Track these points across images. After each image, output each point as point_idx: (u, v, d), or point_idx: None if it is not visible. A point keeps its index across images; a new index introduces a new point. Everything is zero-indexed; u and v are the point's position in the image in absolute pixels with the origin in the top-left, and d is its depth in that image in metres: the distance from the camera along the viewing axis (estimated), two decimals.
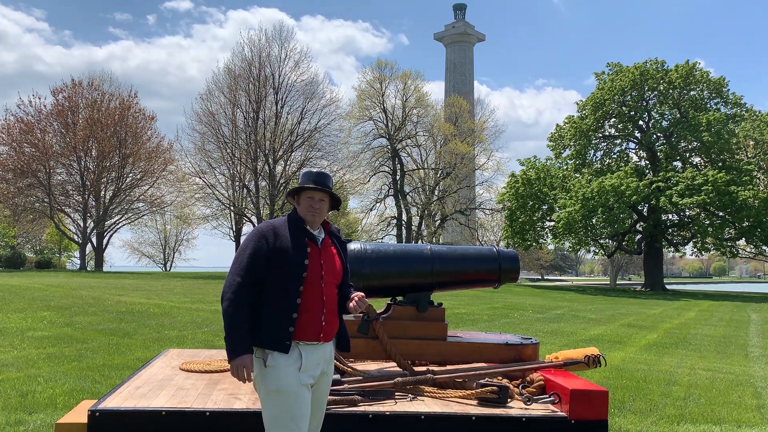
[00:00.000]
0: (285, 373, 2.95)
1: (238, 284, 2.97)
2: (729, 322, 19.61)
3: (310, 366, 3.03)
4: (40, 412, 5.71)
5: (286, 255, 3.04)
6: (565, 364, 4.61)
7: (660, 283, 43.69)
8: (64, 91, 43.01)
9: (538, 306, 22.54)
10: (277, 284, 3.02)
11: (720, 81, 42.08)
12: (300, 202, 3.20)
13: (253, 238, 3.10)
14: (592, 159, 44.94)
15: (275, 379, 2.95)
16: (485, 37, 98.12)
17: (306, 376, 3.01)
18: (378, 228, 51.51)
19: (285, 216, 3.24)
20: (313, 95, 41.50)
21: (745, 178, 37.18)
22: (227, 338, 2.93)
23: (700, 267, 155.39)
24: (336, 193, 3.26)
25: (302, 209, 3.18)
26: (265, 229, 3.13)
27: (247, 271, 3.00)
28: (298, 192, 3.21)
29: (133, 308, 15.00)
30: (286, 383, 2.94)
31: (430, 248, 4.97)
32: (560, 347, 10.39)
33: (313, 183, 3.18)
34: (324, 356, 3.14)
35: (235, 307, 2.94)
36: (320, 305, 3.08)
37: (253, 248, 3.05)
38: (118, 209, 45.31)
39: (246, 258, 3.03)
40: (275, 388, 2.94)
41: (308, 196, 3.17)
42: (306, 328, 3.03)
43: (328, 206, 3.24)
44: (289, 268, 3.02)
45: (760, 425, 6.19)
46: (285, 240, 3.07)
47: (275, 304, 3.01)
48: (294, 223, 3.16)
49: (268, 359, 2.96)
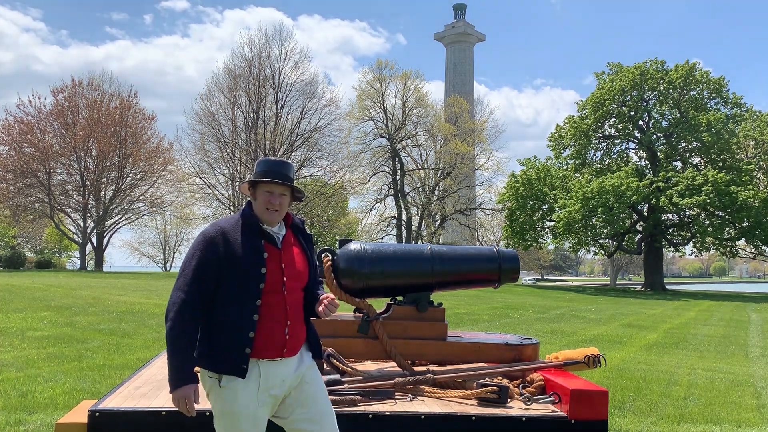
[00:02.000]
0: (241, 394, 2.61)
1: (181, 302, 2.58)
2: (729, 322, 19.61)
3: (273, 384, 2.66)
4: (40, 412, 5.71)
5: (239, 264, 2.61)
6: (565, 364, 4.60)
7: (660, 283, 43.70)
8: (64, 91, 43.02)
9: (538, 306, 22.54)
10: (230, 299, 2.62)
11: (720, 81, 42.09)
12: (257, 196, 2.73)
13: (199, 246, 2.64)
14: (592, 159, 44.96)
15: (230, 401, 2.61)
16: (485, 37, 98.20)
17: (266, 396, 2.66)
18: (378, 228, 51.55)
19: (238, 214, 2.78)
20: (313, 95, 41.58)
21: (745, 178, 37.20)
22: (168, 365, 2.59)
23: (700, 267, 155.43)
24: (297, 186, 2.81)
25: (259, 206, 2.72)
26: (212, 233, 2.66)
27: (191, 286, 2.59)
28: (255, 184, 2.74)
29: (133, 308, 14.99)
30: (241, 405, 2.61)
31: (430, 248, 4.97)
32: (560, 347, 10.38)
33: (272, 175, 2.71)
34: (289, 372, 2.72)
35: (178, 328, 2.57)
36: (283, 317, 2.67)
37: (198, 259, 2.62)
38: (118, 209, 45.31)
39: (191, 271, 2.61)
40: (229, 410, 2.62)
41: (266, 191, 2.71)
42: (266, 345, 2.64)
43: (289, 200, 2.80)
44: (242, 279, 2.61)
45: (760, 425, 6.19)
46: (237, 246, 2.63)
47: (228, 323, 2.61)
48: (249, 223, 2.71)
49: (223, 380, 2.62)
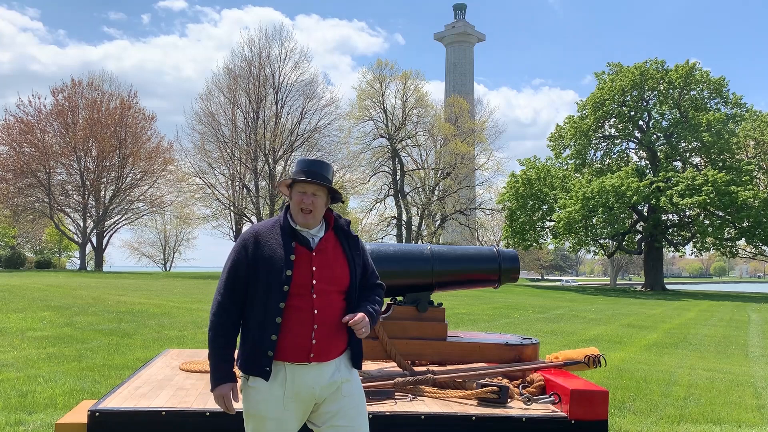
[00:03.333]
0: (266, 396, 2.63)
1: (218, 305, 2.67)
2: (729, 322, 19.61)
3: (301, 389, 2.63)
4: (40, 412, 5.71)
5: (266, 267, 2.64)
6: (565, 364, 4.60)
7: (660, 283, 43.71)
8: (63, 91, 43.06)
9: (538, 306, 22.55)
10: (257, 301, 2.65)
11: (720, 81, 42.10)
12: (292, 196, 2.73)
13: (234, 250, 2.73)
14: (592, 159, 44.98)
15: (254, 402, 2.65)
16: (485, 37, 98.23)
17: (293, 401, 2.63)
18: (378, 228, 51.53)
19: (276, 217, 2.81)
20: (313, 95, 41.56)
21: (745, 178, 37.20)
22: (210, 365, 2.68)
23: (700, 267, 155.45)
24: (334, 187, 2.78)
25: (293, 206, 2.72)
26: (247, 236, 2.73)
27: (227, 289, 2.67)
28: (291, 185, 2.74)
29: (133, 308, 14.99)
30: (266, 408, 2.62)
31: (430, 248, 4.97)
32: (560, 347, 10.38)
33: (306, 174, 2.69)
34: (320, 379, 2.65)
35: (215, 331, 2.65)
36: (309, 321, 2.63)
37: (232, 261, 2.69)
38: (118, 209, 45.33)
39: (225, 274, 2.70)
40: (254, 412, 2.66)
41: (299, 191, 2.70)
42: (291, 348, 2.62)
43: (324, 201, 2.75)
44: (267, 282, 2.62)
45: (760, 425, 6.19)
46: (267, 248, 2.66)
47: (255, 325, 2.65)
48: (283, 224, 2.73)
49: (250, 380, 2.66)
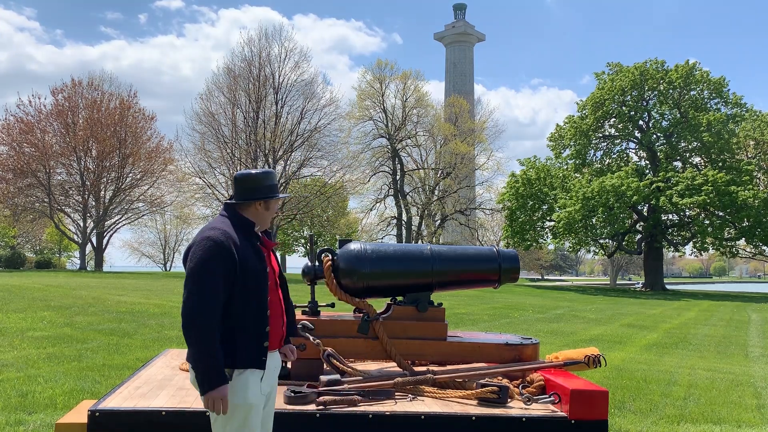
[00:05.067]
0: (252, 385, 2.85)
1: (206, 306, 2.71)
2: (729, 322, 19.61)
3: (269, 374, 2.97)
4: (40, 412, 5.71)
5: (251, 266, 2.85)
6: (565, 364, 4.60)
7: (660, 283, 43.70)
8: (63, 91, 43.00)
9: (538, 306, 22.54)
10: (248, 299, 2.84)
11: (720, 81, 42.07)
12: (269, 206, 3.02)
13: (213, 252, 2.77)
14: (592, 159, 44.96)
15: (243, 393, 2.81)
16: (485, 37, 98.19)
17: (266, 386, 2.95)
18: (378, 228, 51.52)
19: (226, 218, 2.96)
20: (313, 95, 41.52)
21: (746, 178, 37.20)
22: (200, 367, 2.71)
23: (700, 267, 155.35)
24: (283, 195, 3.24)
25: (261, 214, 2.99)
26: (223, 239, 2.81)
27: (214, 291, 2.74)
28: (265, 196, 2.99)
29: (133, 308, 14.99)
30: (252, 395, 2.84)
31: (430, 248, 4.97)
32: (560, 347, 10.38)
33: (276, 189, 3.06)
34: (277, 362, 3.09)
35: (206, 333, 2.71)
36: (281, 312, 3.02)
37: (217, 263, 2.77)
38: (118, 209, 45.30)
39: (210, 276, 2.75)
40: (243, 402, 2.81)
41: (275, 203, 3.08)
42: (273, 338, 2.96)
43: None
44: (254, 279, 2.85)
45: (760, 425, 6.19)
46: (245, 248, 2.86)
47: (249, 321, 2.84)
48: (245, 227, 2.94)
49: (234, 373, 2.81)
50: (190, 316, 2.73)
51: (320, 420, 3.77)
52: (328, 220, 48.60)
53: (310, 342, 4.46)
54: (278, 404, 3.88)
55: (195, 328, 2.72)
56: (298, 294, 19.41)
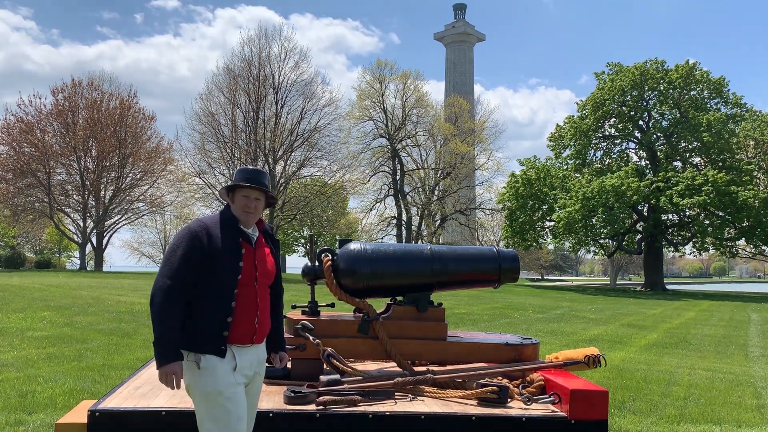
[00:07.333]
0: (221, 373, 2.92)
1: (168, 287, 2.88)
2: (729, 322, 19.61)
3: (243, 367, 3.01)
4: (40, 412, 5.71)
5: (221, 257, 2.96)
6: (565, 364, 4.60)
7: (660, 283, 43.70)
8: (63, 91, 42.97)
9: (538, 306, 22.54)
10: (212, 287, 2.96)
11: (720, 81, 42.07)
12: (235, 200, 3.11)
13: (185, 239, 2.97)
14: (592, 159, 44.95)
15: (212, 381, 2.91)
16: (485, 37, 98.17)
17: (240, 377, 3.00)
18: (378, 228, 51.51)
19: (217, 213, 3.14)
20: (313, 95, 41.49)
21: (746, 178, 37.20)
22: (157, 343, 2.86)
23: (700, 267, 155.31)
24: (271, 192, 3.19)
25: (237, 208, 3.09)
26: (197, 228, 2.99)
27: (178, 274, 2.90)
28: (233, 189, 3.11)
29: (133, 308, 14.99)
30: (224, 383, 2.92)
31: (430, 248, 4.96)
32: (560, 347, 10.38)
33: (249, 181, 3.09)
34: (257, 358, 3.13)
35: (166, 311, 2.86)
36: (254, 307, 3.05)
37: (185, 249, 2.94)
38: (118, 209, 45.28)
39: (177, 260, 2.92)
40: (212, 389, 2.90)
41: (243, 195, 3.08)
42: (240, 331, 3.00)
43: (263, 205, 3.18)
44: (224, 270, 2.96)
45: (760, 425, 6.19)
46: (219, 240, 2.98)
47: (210, 308, 2.95)
48: (228, 222, 3.07)
49: (202, 361, 2.91)
50: (153, 295, 2.92)
51: (320, 420, 3.77)
52: (328, 220, 48.60)
53: (310, 342, 4.46)
54: (278, 404, 3.89)
55: (154, 305, 2.90)
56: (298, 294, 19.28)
